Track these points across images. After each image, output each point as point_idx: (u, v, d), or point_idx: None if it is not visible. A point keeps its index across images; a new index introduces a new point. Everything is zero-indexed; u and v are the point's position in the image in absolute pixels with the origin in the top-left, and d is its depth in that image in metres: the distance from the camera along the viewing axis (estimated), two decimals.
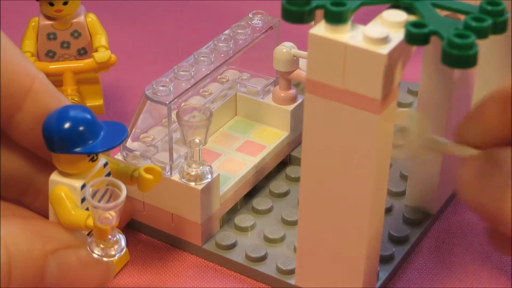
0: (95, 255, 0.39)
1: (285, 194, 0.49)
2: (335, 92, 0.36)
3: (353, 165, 0.38)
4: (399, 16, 0.36)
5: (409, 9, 0.37)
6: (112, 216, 0.38)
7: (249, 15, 0.50)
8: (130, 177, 0.41)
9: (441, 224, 0.48)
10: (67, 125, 0.38)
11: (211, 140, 0.49)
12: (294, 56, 0.49)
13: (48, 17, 0.51)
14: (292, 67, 0.49)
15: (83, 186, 0.39)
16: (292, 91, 0.50)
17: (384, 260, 0.44)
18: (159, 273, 0.45)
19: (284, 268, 0.44)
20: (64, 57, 0.52)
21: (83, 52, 0.52)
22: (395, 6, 0.37)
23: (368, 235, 0.39)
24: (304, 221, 0.41)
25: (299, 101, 0.50)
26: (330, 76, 0.36)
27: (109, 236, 0.38)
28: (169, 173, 0.44)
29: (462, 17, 0.36)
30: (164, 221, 0.46)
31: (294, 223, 0.46)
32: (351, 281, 0.40)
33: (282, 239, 0.46)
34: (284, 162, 0.51)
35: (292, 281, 0.43)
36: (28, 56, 0.51)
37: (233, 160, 0.48)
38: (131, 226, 0.47)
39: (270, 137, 0.50)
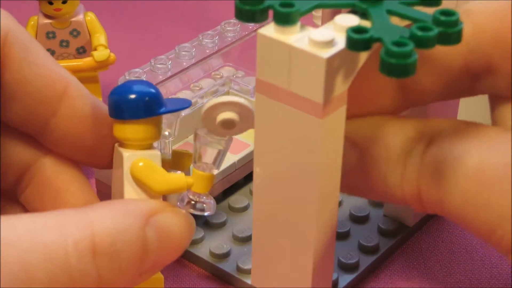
0: (193, 211, 0.38)
1: None
2: (282, 93, 0.36)
3: (300, 167, 0.37)
4: (351, 21, 0.35)
5: (365, 15, 0.36)
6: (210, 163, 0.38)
7: None
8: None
9: (417, 237, 0.47)
10: (152, 89, 0.38)
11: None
12: None
13: (47, 16, 0.52)
14: None
15: None
16: None
17: (347, 268, 0.44)
18: None
19: (243, 267, 0.44)
20: (63, 55, 0.53)
21: (82, 51, 0.53)
22: (354, 11, 0.37)
23: (316, 237, 0.39)
24: (257, 220, 0.40)
25: None
26: (277, 77, 0.36)
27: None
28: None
29: None
30: None
31: None
32: (300, 280, 0.40)
33: (249, 238, 0.46)
34: None
35: (250, 280, 0.43)
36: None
37: None
38: None
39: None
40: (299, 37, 0.35)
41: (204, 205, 0.38)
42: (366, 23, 0.36)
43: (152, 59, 0.45)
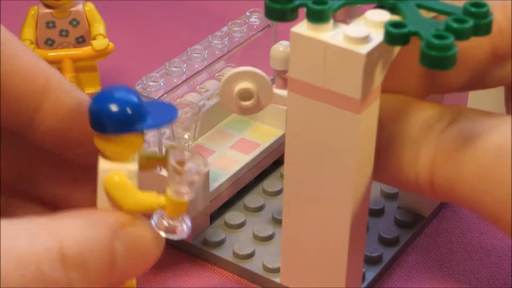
0: (162, 233, 0.37)
1: (278, 193, 0.49)
2: (316, 91, 0.36)
3: (334, 164, 0.37)
4: (383, 16, 0.36)
5: (393, 10, 0.37)
6: (185, 190, 0.36)
7: (247, 13, 0.50)
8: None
9: (433, 226, 0.48)
10: (129, 103, 0.36)
11: (206, 137, 0.50)
12: None
13: (47, 6, 0.53)
14: (288, 66, 0.49)
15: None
16: None
17: (372, 261, 0.44)
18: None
19: (270, 267, 0.44)
20: (63, 45, 0.53)
21: (82, 40, 0.54)
22: (380, 6, 0.37)
23: (351, 235, 0.39)
24: (288, 219, 0.40)
25: None
26: (311, 74, 0.36)
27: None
28: (159, 168, 0.44)
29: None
30: None
31: None
32: (334, 280, 0.40)
33: (271, 237, 0.46)
34: (279, 160, 0.51)
35: (278, 279, 0.43)
36: (27, 43, 0.52)
37: (226, 157, 0.48)
38: None
39: (265, 135, 0.50)
40: (333, 34, 0.35)
41: (176, 229, 0.37)
42: (396, 18, 0.36)
43: (167, 62, 0.45)
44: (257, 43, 0.50)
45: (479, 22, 0.35)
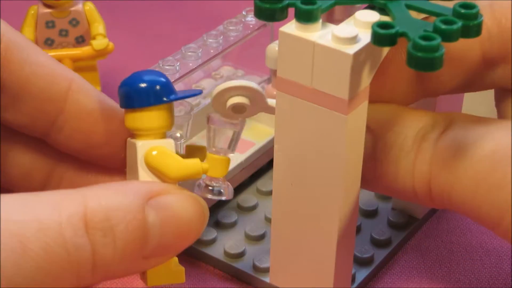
0: (210, 196, 0.38)
1: (271, 192, 0.48)
2: (304, 90, 0.36)
3: (323, 164, 0.37)
4: (372, 16, 0.36)
5: (383, 10, 0.36)
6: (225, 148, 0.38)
7: (243, 13, 0.50)
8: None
9: (426, 229, 0.48)
10: (161, 77, 0.38)
11: (200, 136, 0.49)
12: None
13: (47, 5, 0.53)
14: None
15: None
16: None
17: (363, 262, 0.44)
18: None
19: (260, 266, 0.44)
20: (63, 45, 0.54)
21: (81, 40, 0.54)
22: (371, 6, 0.37)
23: (339, 235, 0.39)
24: (277, 219, 0.40)
25: None
26: (299, 74, 0.36)
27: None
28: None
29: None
30: None
31: None
32: (322, 280, 0.40)
33: (262, 236, 0.46)
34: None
35: (267, 279, 0.43)
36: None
37: None
38: None
39: (260, 135, 0.50)
40: (321, 34, 0.35)
41: (222, 189, 0.38)
42: (386, 18, 0.36)
43: (160, 60, 0.45)
44: (253, 42, 0.50)
45: (468, 23, 0.35)
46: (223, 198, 0.39)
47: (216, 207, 0.47)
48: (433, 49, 0.33)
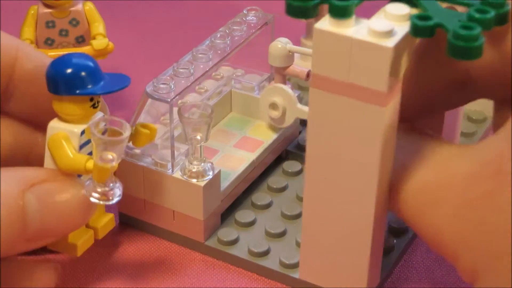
0: (92, 199, 0.39)
1: (283, 189, 0.49)
2: (341, 86, 0.37)
3: (358, 158, 0.38)
4: (402, 9, 0.36)
5: (410, 2, 0.37)
6: (112, 156, 0.38)
7: (244, 12, 0.50)
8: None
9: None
10: (71, 68, 0.39)
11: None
12: (289, 52, 0.49)
13: (47, 5, 0.53)
14: (287, 63, 0.49)
15: (82, 133, 0.40)
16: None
17: (385, 252, 0.45)
18: (162, 270, 0.45)
19: (287, 262, 0.44)
20: (63, 44, 0.53)
21: (81, 40, 0.53)
22: None
23: (374, 228, 0.39)
24: (308, 214, 0.41)
25: None
26: (335, 70, 0.37)
27: (108, 181, 0.39)
28: (170, 170, 0.44)
29: (460, 9, 0.37)
30: (166, 219, 0.46)
31: (294, 218, 0.47)
32: (356, 276, 0.41)
33: (283, 233, 0.46)
34: (280, 157, 0.51)
35: (296, 275, 0.43)
36: (27, 43, 0.51)
37: (231, 156, 0.48)
38: (132, 225, 0.47)
39: (267, 133, 0.50)
40: (356, 28, 0.36)
41: (108, 194, 0.39)
42: (415, 11, 0.37)
43: (174, 63, 0.45)
44: (252, 41, 0.50)
45: (499, 11, 0.36)
46: (108, 203, 0.39)
47: (231, 208, 0.47)
48: (474, 38, 0.34)
